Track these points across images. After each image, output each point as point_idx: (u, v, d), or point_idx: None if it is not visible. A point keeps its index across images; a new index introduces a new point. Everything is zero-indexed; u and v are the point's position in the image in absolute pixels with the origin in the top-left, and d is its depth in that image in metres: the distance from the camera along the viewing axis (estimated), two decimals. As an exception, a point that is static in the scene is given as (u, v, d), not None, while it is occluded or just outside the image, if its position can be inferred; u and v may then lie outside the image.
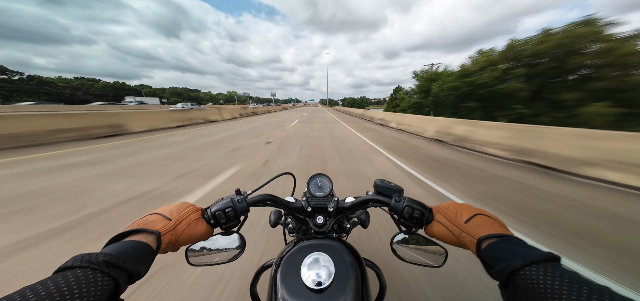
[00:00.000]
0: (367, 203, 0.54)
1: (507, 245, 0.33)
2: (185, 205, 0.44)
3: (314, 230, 0.56)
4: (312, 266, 0.41)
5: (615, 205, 2.47)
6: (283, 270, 0.42)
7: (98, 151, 4.40)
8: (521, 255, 0.30)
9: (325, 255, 0.43)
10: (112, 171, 3.21)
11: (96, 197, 2.36)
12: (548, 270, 0.27)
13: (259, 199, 0.51)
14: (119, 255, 0.29)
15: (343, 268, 0.42)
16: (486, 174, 3.48)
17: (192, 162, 3.73)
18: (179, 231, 0.40)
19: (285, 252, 0.47)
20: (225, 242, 0.49)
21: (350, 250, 0.47)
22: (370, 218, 0.78)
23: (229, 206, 0.46)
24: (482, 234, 0.37)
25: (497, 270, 0.31)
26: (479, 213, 0.41)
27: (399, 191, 0.51)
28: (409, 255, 0.50)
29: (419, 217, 0.46)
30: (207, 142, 5.53)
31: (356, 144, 5.97)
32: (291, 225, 0.71)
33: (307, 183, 0.71)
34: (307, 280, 0.39)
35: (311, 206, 0.58)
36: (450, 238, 0.42)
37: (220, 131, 7.79)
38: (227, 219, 0.46)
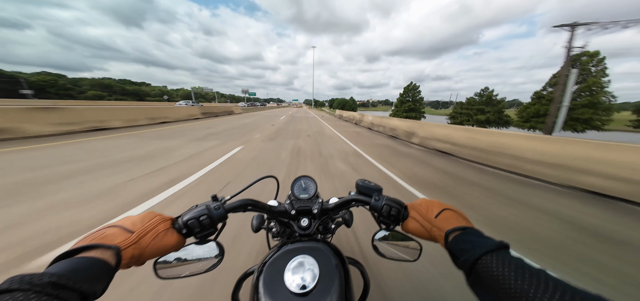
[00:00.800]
0: (350, 203, 0.57)
1: (468, 237, 0.37)
2: (151, 215, 0.41)
3: (298, 233, 0.57)
4: (296, 269, 0.41)
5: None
6: (266, 275, 0.42)
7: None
8: (479, 245, 0.34)
9: (309, 257, 0.43)
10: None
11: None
12: (499, 257, 0.31)
13: (238, 205, 0.49)
14: (68, 274, 0.26)
15: (327, 269, 0.43)
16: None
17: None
18: (143, 244, 0.37)
19: (268, 257, 0.47)
20: (202, 251, 0.46)
21: (334, 251, 0.49)
22: (353, 217, 0.80)
23: (203, 214, 0.44)
24: (448, 227, 0.40)
25: (462, 261, 0.34)
26: (447, 208, 0.45)
27: (378, 190, 0.54)
28: (388, 251, 0.54)
29: (395, 214, 0.49)
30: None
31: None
32: (275, 229, 0.71)
33: (291, 185, 0.72)
34: (291, 285, 0.39)
35: (295, 209, 0.58)
36: (423, 233, 0.45)
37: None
38: (202, 228, 0.43)
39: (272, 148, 5.15)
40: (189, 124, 9.43)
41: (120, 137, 5.62)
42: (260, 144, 5.56)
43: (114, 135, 5.82)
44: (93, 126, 6.49)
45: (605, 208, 2.71)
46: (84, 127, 6.23)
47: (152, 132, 6.49)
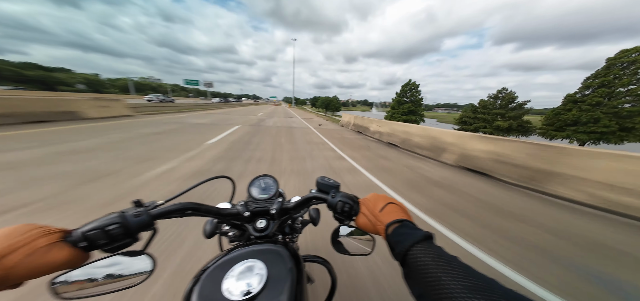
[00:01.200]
0: (310, 201, 0.56)
1: (403, 229, 0.39)
2: (25, 228, 0.34)
3: (254, 236, 0.55)
4: (242, 275, 0.40)
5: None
6: (202, 285, 0.39)
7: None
8: (410, 236, 0.36)
9: (258, 261, 0.42)
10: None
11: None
12: (424, 248, 0.33)
13: (171, 210, 0.43)
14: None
15: (277, 272, 0.41)
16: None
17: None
18: (9, 264, 0.31)
19: (209, 264, 0.44)
20: (125, 265, 0.40)
21: (290, 252, 0.47)
22: (320, 215, 0.80)
23: (113, 223, 0.38)
24: (388, 220, 0.42)
25: (397, 252, 0.36)
26: (390, 202, 0.46)
27: (335, 186, 0.54)
28: (346, 247, 0.55)
29: (348, 210, 0.49)
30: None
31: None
32: (231, 234, 0.66)
33: (248, 186, 0.70)
34: (234, 292, 0.37)
35: (250, 210, 0.56)
36: (370, 227, 0.46)
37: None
38: (111, 240, 0.38)
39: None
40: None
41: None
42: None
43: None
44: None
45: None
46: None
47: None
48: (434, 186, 3.35)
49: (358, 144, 6.74)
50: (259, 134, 7.05)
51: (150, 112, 11.74)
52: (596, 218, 2.61)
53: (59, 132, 5.02)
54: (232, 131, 7.37)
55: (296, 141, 6.41)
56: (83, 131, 5.48)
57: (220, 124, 8.80)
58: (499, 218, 2.43)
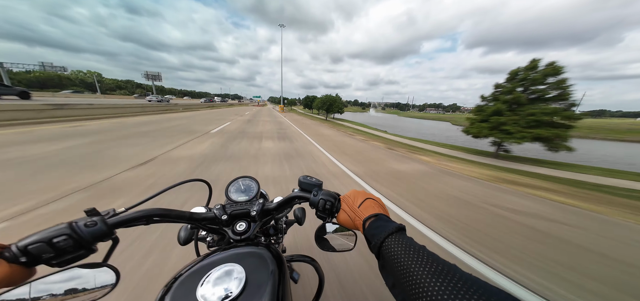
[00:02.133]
0: (293, 201, 0.58)
1: (378, 222, 0.41)
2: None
3: (233, 239, 0.55)
4: (219, 280, 0.39)
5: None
6: (173, 294, 0.38)
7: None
8: (384, 229, 0.38)
9: (236, 265, 0.41)
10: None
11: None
12: (396, 239, 0.35)
13: (133, 217, 0.42)
14: None
15: (257, 275, 0.41)
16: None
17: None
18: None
19: (182, 271, 0.42)
20: (85, 278, 0.37)
21: (272, 253, 0.47)
22: (306, 214, 0.81)
23: (60, 234, 0.35)
24: (366, 215, 0.44)
25: (372, 245, 0.38)
26: (369, 197, 0.49)
27: (318, 185, 0.56)
28: (328, 244, 0.57)
29: (330, 207, 0.52)
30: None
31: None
32: (210, 239, 0.68)
33: (226, 189, 0.68)
34: (210, 298, 0.36)
35: (228, 213, 0.56)
36: (350, 223, 0.48)
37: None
38: (58, 253, 0.35)
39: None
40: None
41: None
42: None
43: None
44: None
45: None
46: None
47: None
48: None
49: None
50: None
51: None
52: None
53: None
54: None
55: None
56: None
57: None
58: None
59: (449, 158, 7.20)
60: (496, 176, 5.03)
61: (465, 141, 12.35)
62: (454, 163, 6.35)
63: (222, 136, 7.12)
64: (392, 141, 10.57)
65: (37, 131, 5.85)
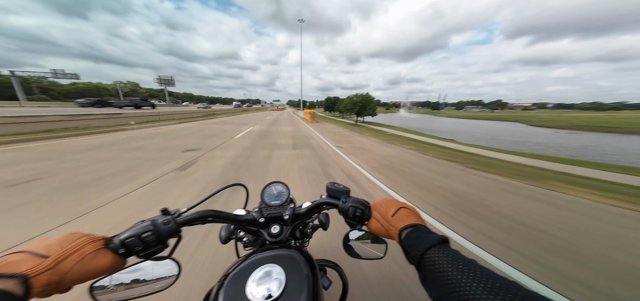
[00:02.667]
0: (321, 207, 0.60)
1: (417, 233, 0.40)
2: (74, 236, 0.38)
3: (269, 241, 0.58)
4: (262, 279, 0.41)
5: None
6: (226, 289, 0.42)
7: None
8: (425, 240, 0.37)
9: (276, 266, 0.44)
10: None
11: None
12: (440, 251, 0.34)
13: (194, 217, 0.48)
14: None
15: (295, 277, 0.43)
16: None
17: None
18: (63, 269, 0.34)
19: (231, 269, 0.46)
20: (154, 270, 0.45)
21: (305, 257, 0.49)
22: (330, 220, 0.82)
23: (147, 230, 0.41)
24: (402, 225, 0.44)
25: (412, 256, 0.38)
26: (402, 206, 0.49)
27: (345, 192, 0.58)
28: (359, 251, 0.59)
29: (360, 215, 0.53)
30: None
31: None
32: (246, 239, 0.71)
33: (261, 192, 0.72)
34: (256, 296, 0.39)
35: (265, 216, 0.60)
36: (383, 231, 0.49)
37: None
38: (145, 246, 0.41)
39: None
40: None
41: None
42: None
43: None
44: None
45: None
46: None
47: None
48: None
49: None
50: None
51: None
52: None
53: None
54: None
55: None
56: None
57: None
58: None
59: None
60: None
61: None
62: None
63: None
64: (516, 165, 6.04)
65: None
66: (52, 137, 6.80)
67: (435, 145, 9.46)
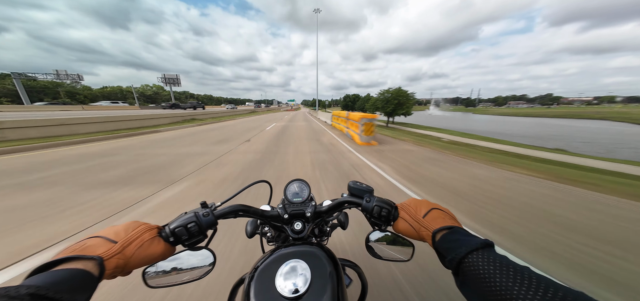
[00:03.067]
0: (343, 205, 0.63)
1: (454, 236, 0.41)
2: (136, 224, 0.45)
3: (292, 237, 0.63)
4: (289, 274, 0.46)
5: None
6: (257, 281, 0.47)
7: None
8: (464, 244, 0.38)
9: (302, 262, 0.48)
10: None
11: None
12: (484, 255, 0.34)
13: (228, 211, 0.56)
14: (47, 285, 0.29)
15: (320, 274, 0.47)
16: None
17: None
18: (128, 254, 0.41)
19: (259, 262, 0.52)
20: (193, 259, 0.52)
21: (328, 255, 0.54)
22: (349, 219, 0.87)
23: (191, 221, 0.49)
24: (436, 227, 0.45)
25: (448, 260, 0.39)
26: (435, 208, 0.50)
27: (369, 191, 0.61)
28: (382, 252, 0.61)
29: (386, 215, 0.55)
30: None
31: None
32: (270, 234, 0.79)
33: (284, 189, 0.79)
34: (284, 290, 0.43)
35: (288, 213, 0.65)
36: (412, 233, 0.50)
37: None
38: (190, 236, 0.49)
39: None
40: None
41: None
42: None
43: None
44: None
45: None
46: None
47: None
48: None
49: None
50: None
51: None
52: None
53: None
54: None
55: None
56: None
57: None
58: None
59: None
60: None
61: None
62: None
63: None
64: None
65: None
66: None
67: (547, 161, 5.90)
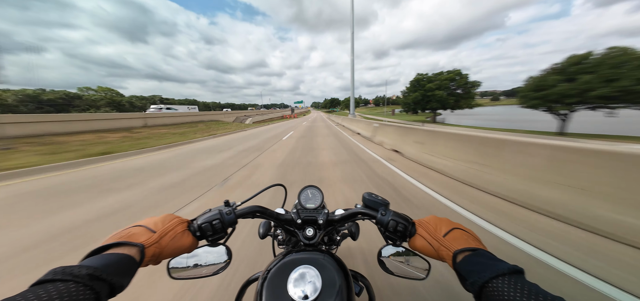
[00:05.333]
0: (356, 216, 0.64)
1: (478, 258, 0.40)
2: (170, 217, 0.50)
3: (303, 242, 0.64)
4: (299, 279, 0.47)
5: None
6: (269, 284, 0.49)
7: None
8: (489, 268, 0.36)
9: (312, 269, 0.49)
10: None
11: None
12: (512, 282, 0.33)
13: (248, 211, 0.60)
14: (101, 267, 0.33)
15: (330, 282, 0.48)
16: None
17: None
18: (163, 244, 0.45)
19: (272, 265, 0.53)
20: (211, 254, 0.58)
21: (338, 264, 0.54)
22: (360, 231, 0.88)
23: (216, 218, 0.53)
24: (457, 247, 0.44)
25: (470, 283, 0.37)
26: (457, 227, 0.50)
27: (385, 204, 0.61)
28: (396, 268, 0.61)
29: (402, 230, 0.55)
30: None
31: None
32: (281, 237, 0.84)
33: (298, 194, 0.82)
34: (294, 295, 0.44)
35: (301, 218, 0.66)
36: (430, 251, 0.50)
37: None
38: (213, 232, 0.53)
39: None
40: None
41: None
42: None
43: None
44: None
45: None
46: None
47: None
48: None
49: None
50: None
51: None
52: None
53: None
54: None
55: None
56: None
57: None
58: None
59: None
60: None
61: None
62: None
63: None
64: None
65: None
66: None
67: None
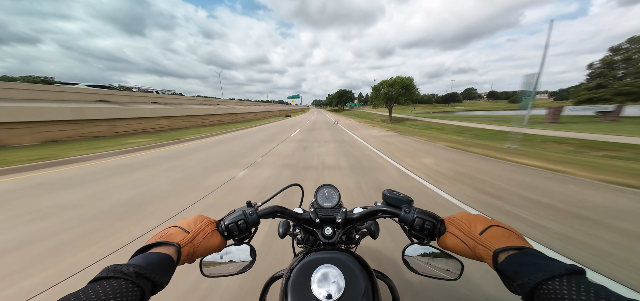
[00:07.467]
0: (376, 214, 0.61)
1: (527, 258, 0.36)
2: (201, 218, 0.53)
3: (322, 242, 0.63)
4: (322, 278, 0.46)
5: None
6: (294, 282, 0.48)
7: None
8: (543, 268, 0.33)
9: (335, 268, 0.48)
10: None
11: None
12: (572, 283, 0.29)
13: (269, 211, 0.61)
14: (146, 266, 0.36)
15: (353, 281, 0.46)
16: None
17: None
18: (196, 244, 0.47)
19: (295, 264, 0.53)
20: (238, 253, 0.60)
21: (360, 263, 0.52)
22: (379, 229, 0.85)
23: (241, 218, 0.54)
24: (498, 246, 0.41)
25: (519, 284, 0.34)
26: (494, 224, 0.46)
27: (408, 201, 0.57)
28: (423, 267, 0.58)
29: (430, 229, 0.51)
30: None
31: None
32: (300, 236, 0.82)
33: (315, 193, 0.80)
34: (319, 295, 0.44)
35: (319, 217, 0.66)
36: (465, 250, 0.46)
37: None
38: (239, 232, 0.54)
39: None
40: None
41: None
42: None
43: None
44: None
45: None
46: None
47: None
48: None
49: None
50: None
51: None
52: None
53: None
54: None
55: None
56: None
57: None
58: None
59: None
60: None
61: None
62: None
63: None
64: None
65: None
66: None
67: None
